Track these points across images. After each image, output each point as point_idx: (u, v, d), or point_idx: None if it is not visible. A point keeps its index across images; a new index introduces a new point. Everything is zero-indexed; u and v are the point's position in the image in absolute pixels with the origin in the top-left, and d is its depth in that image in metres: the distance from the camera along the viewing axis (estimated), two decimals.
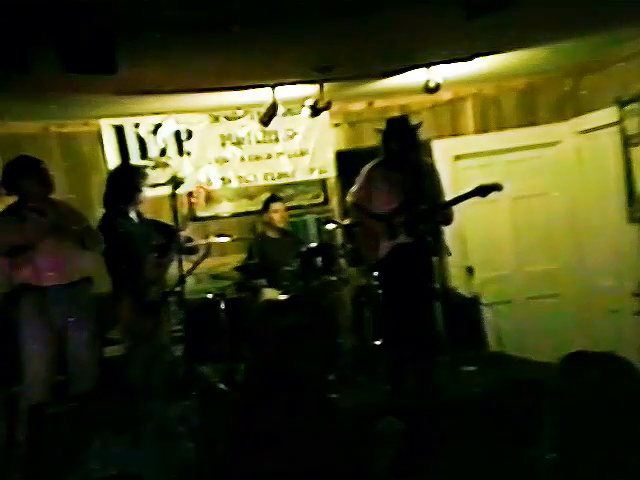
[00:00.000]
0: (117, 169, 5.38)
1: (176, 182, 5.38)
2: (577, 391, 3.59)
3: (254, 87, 5.83)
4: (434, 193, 5.14)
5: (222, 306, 6.15)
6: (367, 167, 5.25)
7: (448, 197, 5.27)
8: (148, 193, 5.41)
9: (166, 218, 5.72)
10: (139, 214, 5.32)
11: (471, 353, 6.13)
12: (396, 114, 6.81)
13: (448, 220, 5.21)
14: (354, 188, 5.35)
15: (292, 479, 3.26)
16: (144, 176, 5.30)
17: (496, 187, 5.04)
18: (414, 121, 5.22)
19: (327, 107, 6.00)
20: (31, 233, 4.77)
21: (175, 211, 5.29)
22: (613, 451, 2.96)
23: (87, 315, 4.98)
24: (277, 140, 7.14)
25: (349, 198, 5.43)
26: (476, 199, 5.09)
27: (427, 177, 5.14)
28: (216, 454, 3.78)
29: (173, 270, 5.14)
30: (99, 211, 6.65)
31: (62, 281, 4.85)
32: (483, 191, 5.03)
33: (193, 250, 5.50)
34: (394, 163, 5.10)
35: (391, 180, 5.10)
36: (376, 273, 5.47)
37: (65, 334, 4.89)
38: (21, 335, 4.84)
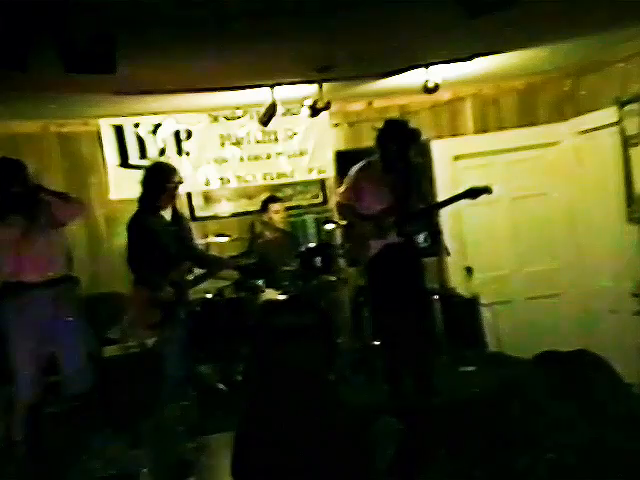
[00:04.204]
0: (149, 167, 5.33)
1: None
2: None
3: (253, 87, 5.83)
4: (423, 195, 5.13)
5: (221, 306, 6.15)
6: (356, 167, 5.23)
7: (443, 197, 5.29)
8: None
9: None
10: (175, 213, 5.27)
11: (470, 353, 6.15)
12: (396, 114, 6.83)
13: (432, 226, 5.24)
14: (342, 188, 5.34)
15: (292, 476, 3.26)
16: (175, 174, 5.21)
17: (486, 190, 5.03)
18: (414, 125, 5.20)
19: (326, 107, 5.99)
20: (11, 232, 4.76)
21: (175, 210, 5.30)
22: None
23: (74, 315, 4.95)
24: (276, 140, 7.13)
25: (337, 198, 5.42)
26: (470, 200, 5.10)
27: (416, 179, 5.13)
28: None
29: None
30: (99, 211, 6.71)
31: (46, 276, 4.82)
32: (473, 194, 5.02)
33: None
34: (386, 164, 5.08)
35: (381, 180, 5.09)
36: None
37: (53, 335, 4.87)
38: (7, 335, 4.81)
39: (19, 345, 4.78)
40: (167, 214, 5.23)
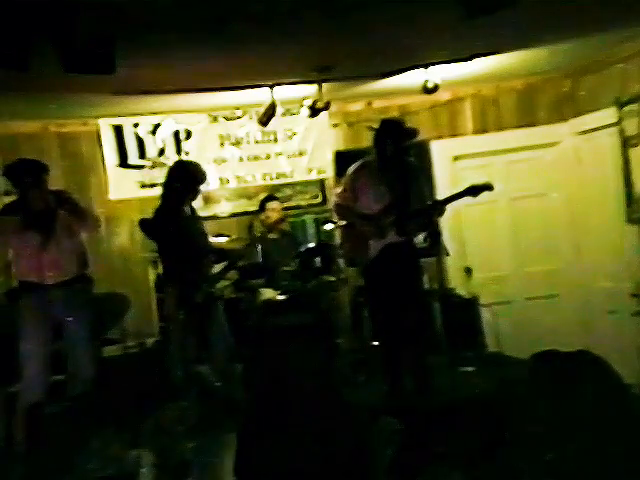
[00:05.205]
0: (176, 166, 5.39)
1: None
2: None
3: (253, 87, 5.83)
4: (421, 193, 5.12)
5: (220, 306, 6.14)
6: (352, 167, 5.22)
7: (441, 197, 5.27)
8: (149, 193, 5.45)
9: None
10: (192, 209, 5.36)
11: (470, 354, 6.13)
12: (395, 114, 6.82)
13: (441, 212, 5.22)
14: (339, 189, 5.33)
15: (291, 477, 3.26)
16: (203, 172, 5.32)
17: (487, 187, 5.02)
18: (410, 125, 5.21)
19: (326, 107, 5.99)
20: (30, 245, 4.81)
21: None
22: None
23: (85, 314, 4.98)
24: (276, 140, 7.14)
25: (334, 199, 5.41)
26: (471, 199, 5.08)
27: (414, 177, 5.13)
28: None
29: None
30: (98, 211, 6.70)
31: (62, 278, 4.87)
32: (474, 191, 5.01)
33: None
34: (382, 163, 5.08)
35: (378, 180, 5.07)
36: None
37: (63, 333, 4.91)
38: (20, 334, 4.85)
39: (32, 345, 4.81)
40: None
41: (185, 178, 5.20)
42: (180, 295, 5.06)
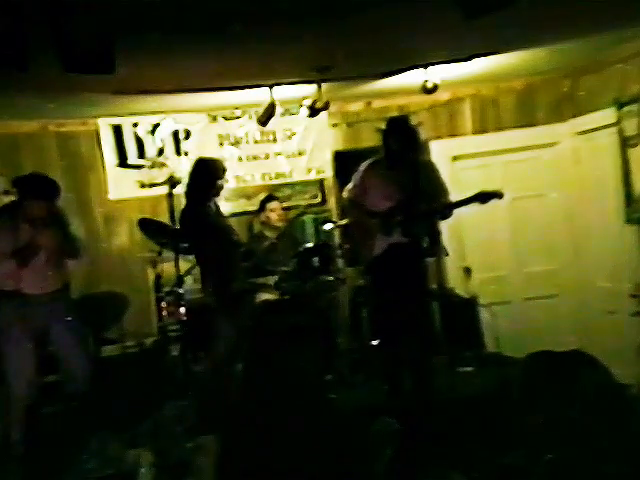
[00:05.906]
0: (197, 162, 5.40)
1: (173, 182, 5.42)
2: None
3: (252, 87, 5.83)
4: (433, 193, 5.11)
5: None
6: (365, 164, 5.24)
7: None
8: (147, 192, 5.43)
9: (163, 217, 5.75)
10: (217, 206, 5.36)
11: (468, 354, 6.13)
12: (394, 114, 6.81)
13: (446, 215, 5.22)
14: (350, 185, 5.34)
15: (290, 478, 3.26)
16: (222, 168, 5.33)
17: (496, 195, 5.02)
18: (414, 121, 5.21)
19: (325, 107, 5.99)
20: (20, 240, 4.81)
21: (172, 211, 5.31)
22: None
23: (68, 317, 4.99)
24: (275, 140, 7.14)
25: (345, 194, 5.43)
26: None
27: (426, 177, 5.12)
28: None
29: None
30: (98, 210, 6.71)
31: (45, 291, 4.89)
32: (483, 198, 5.01)
33: None
34: (392, 162, 5.09)
35: (389, 178, 5.09)
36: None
37: (48, 336, 4.93)
38: (2, 340, 4.85)
39: (15, 350, 4.81)
40: None
41: (205, 174, 5.22)
42: (221, 290, 5.08)
